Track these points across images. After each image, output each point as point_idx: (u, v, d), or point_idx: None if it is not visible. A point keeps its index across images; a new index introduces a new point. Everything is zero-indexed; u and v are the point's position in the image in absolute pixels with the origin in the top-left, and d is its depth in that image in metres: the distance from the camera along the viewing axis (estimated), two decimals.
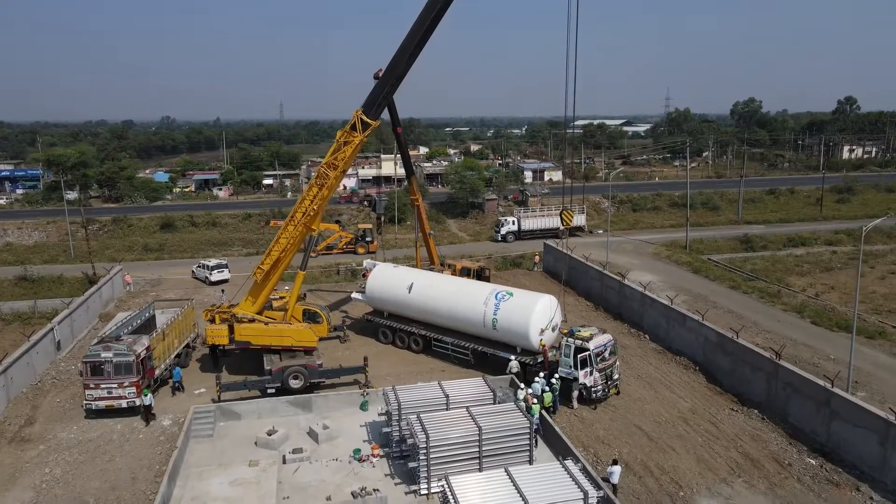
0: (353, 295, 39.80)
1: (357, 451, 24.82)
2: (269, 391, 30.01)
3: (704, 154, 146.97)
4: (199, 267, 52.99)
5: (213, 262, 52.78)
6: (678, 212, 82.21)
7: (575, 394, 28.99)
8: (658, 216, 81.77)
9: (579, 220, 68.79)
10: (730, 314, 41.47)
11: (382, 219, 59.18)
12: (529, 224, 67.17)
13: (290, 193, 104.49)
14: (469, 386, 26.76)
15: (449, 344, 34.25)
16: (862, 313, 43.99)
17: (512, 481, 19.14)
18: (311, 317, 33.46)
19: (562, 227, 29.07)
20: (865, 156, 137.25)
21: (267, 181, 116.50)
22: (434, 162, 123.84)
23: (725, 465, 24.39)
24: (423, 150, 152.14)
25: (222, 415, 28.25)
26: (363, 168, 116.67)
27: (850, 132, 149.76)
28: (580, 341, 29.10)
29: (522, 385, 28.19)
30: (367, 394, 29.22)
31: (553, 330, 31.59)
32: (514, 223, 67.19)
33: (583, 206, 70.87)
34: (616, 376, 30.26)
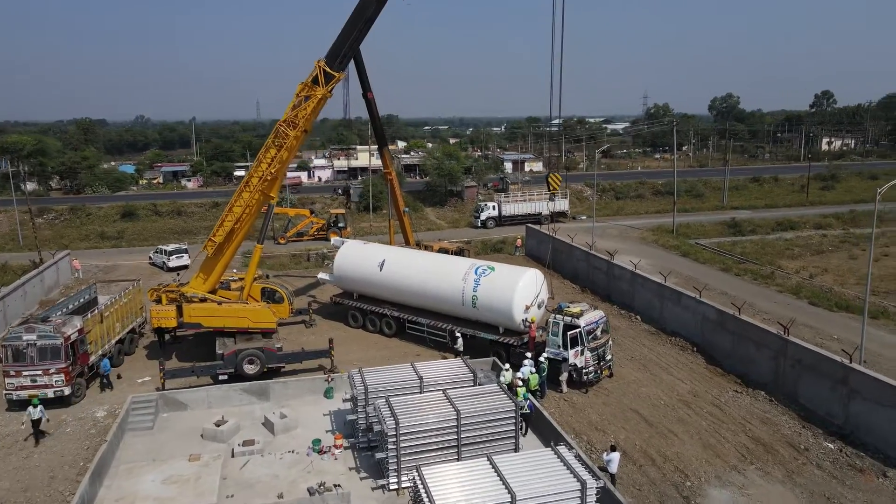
0: (320, 276, 36.52)
1: (317, 441, 21.58)
2: (220, 378, 26.64)
3: (684, 147, 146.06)
4: (157, 252, 49.18)
5: (171, 246, 49.06)
6: (662, 199, 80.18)
7: (564, 376, 26.07)
8: (642, 204, 79.52)
9: (562, 205, 66.15)
10: (723, 296, 38.86)
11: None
12: (511, 209, 64.28)
13: None
14: (446, 367, 23.67)
15: (424, 326, 31.15)
16: (861, 295, 41.96)
17: (496, 471, 16.09)
18: (270, 296, 30.12)
19: (548, 192, 25.99)
20: (844, 148, 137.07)
21: (238, 172, 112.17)
22: (412, 153, 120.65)
23: (735, 452, 21.61)
24: (402, 144, 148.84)
25: (166, 405, 24.80)
26: (338, 160, 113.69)
27: (828, 125, 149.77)
28: (569, 318, 26.19)
29: (507, 367, 25.14)
30: (331, 380, 25.98)
31: (539, 307, 28.66)
32: (494, 208, 64.28)
33: (565, 191, 68.15)
34: (609, 357, 27.41)
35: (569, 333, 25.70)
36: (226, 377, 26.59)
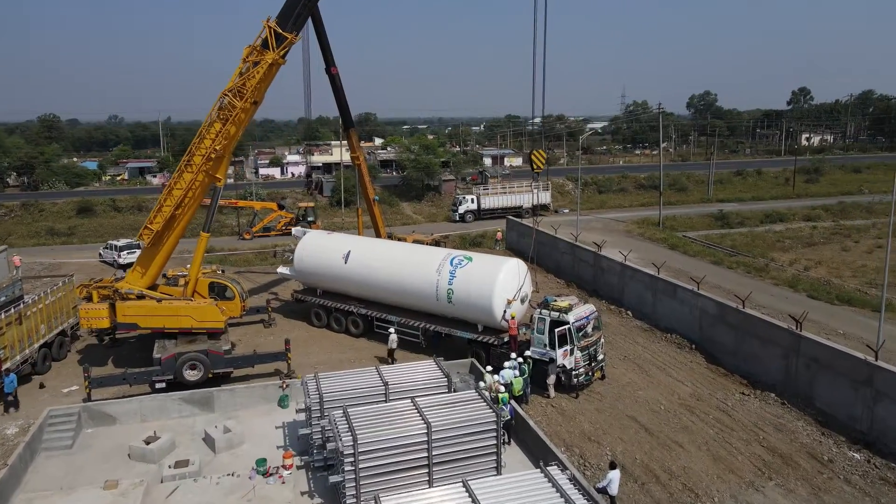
0: (280, 270, 33.10)
1: (261, 461, 18.25)
2: (157, 386, 23.13)
3: (664, 144, 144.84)
4: (107, 248, 45.25)
5: (122, 241, 45.15)
6: (645, 193, 78.00)
7: (551, 379, 23.05)
8: (625, 197, 77.07)
9: (544, 197, 63.38)
10: (717, 289, 36.19)
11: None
12: (490, 202, 61.33)
13: (232, 180, 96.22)
14: (416, 371, 20.48)
15: (395, 324, 27.95)
16: (861, 287, 39.69)
17: (474, 501, 12.97)
18: (220, 292, 26.68)
19: (533, 170, 22.95)
20: (824, 143, 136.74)
21: None
22: (388, 149, 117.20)
23: (750, 465, 18.75)
24: (379, 140, 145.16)
25: (90, 418, 21.26)
26: (314, 155, 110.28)
27: (806, 120, 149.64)
28: (557, 313, 23.18)
29: (489, 369, 22.02)
30: (287, 386, 22.64)
31: (522, 302, 25.63)
32: (473, 201, 61.27)
33: (547, 183, 65.37)
34: (601, 357, 24.45)
35: (556, 330, 22.68)
36: (163, 385, 23.10)
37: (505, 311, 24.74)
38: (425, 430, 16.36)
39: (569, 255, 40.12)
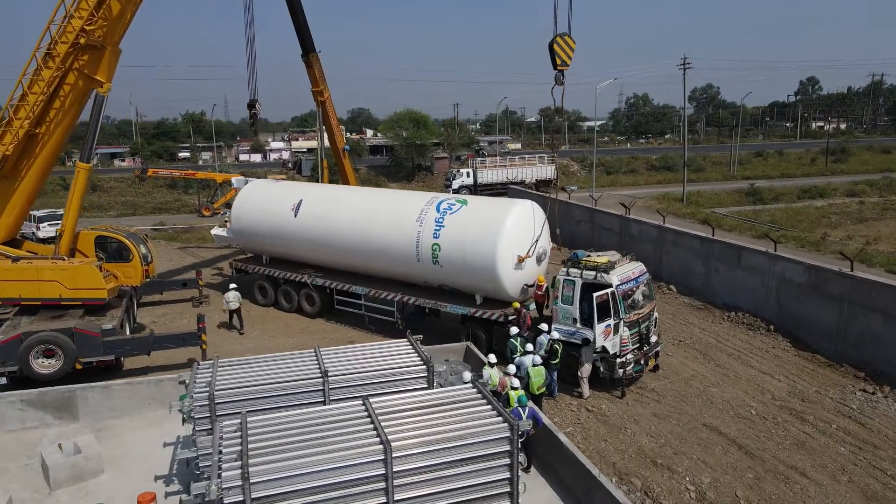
0: (215, 231, 25.48)
1: None
2: None
3: (667, 136, 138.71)
4: (28, 220, 37.53)
5: (43, 211, 37.52)
6: (658, 174, 70.68)
7: (585, 369, 15.53)
8: (637, 178, 69.76)
9: (549, 171, 56.01)
10: None
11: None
12: (488, 176, 53.91)
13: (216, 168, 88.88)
14: (377, 355, 12.93)
15: (362, 297, 20.39)
16: None
17: None
18: (115, 253, 19.08)
19: (556, 66, 15.56)
20: (837, 131, 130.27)
21: (184, 154, 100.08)
22: (379, 136, 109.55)
23: None
24: (371, 132, 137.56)
25: None
26: (297, 140, 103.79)
27: (819, 107, 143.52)
28: (593, 272, 15.67)
29: (492, 358, 14.44)
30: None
31: (539, 261, 18.09)
32: (469, 175, 53.85)
33: (553, 156, 58.04)
34: (654, 338, 16.94)
35: (595, 296, 15.13)
36: (4, 380, 15.48)
37: (517, 273, 17.20)
38: (381, 455, 8.87)
39: (587, 224, 32.66)
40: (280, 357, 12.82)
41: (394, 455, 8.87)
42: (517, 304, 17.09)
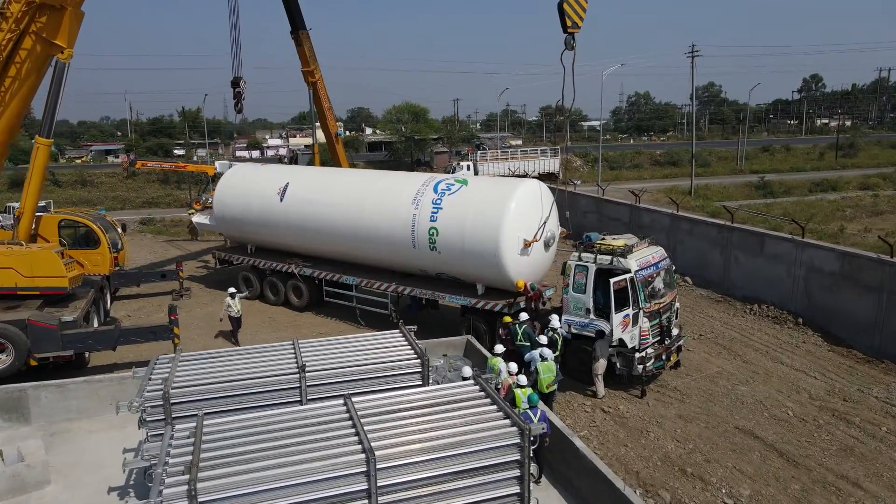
0: (196, 219, 23.88)
1: None
2: None
3: (669, 133, 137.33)
4: (4, 213, 35.94)
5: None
6: (664, 169, 69.11)
7: (600, 365, 13.86)
8: (642, 173, 68.17)
9: (552, 164, 54.44)
10: None
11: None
12: (489, 169, 52.35)
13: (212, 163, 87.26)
14: (365, 347, 11.28)
15: (353, 287, 18.74)
16: None
17: None
18: (81, 239, 17.44)
19: (567, 34, 13.96)
20: (842, 127, 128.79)
21: (179, 150, 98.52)
22: (378, 133, 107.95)
23: None
24: (370, 130, 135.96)
25: None
26: (295, 137, 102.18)
27: (823, 104, 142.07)
28: (608, 257, 14.03)
29: (498, 348, 12.78)
30: None
31: (547, 246, 16.42)
32: (469, 167, 52.24)
33: (556, 148, 56.47)
34: (676, 331, 15.30)
35: (612, 282, 13.47)
36: None
37: (523, 259, 15.55)
38: (363, 466, 7.23)
39: (594, 214, 31.06)
40: (251, 350, 11.19)
41: (378, 466, 7.23)
42: (522, 282, 15.38)
